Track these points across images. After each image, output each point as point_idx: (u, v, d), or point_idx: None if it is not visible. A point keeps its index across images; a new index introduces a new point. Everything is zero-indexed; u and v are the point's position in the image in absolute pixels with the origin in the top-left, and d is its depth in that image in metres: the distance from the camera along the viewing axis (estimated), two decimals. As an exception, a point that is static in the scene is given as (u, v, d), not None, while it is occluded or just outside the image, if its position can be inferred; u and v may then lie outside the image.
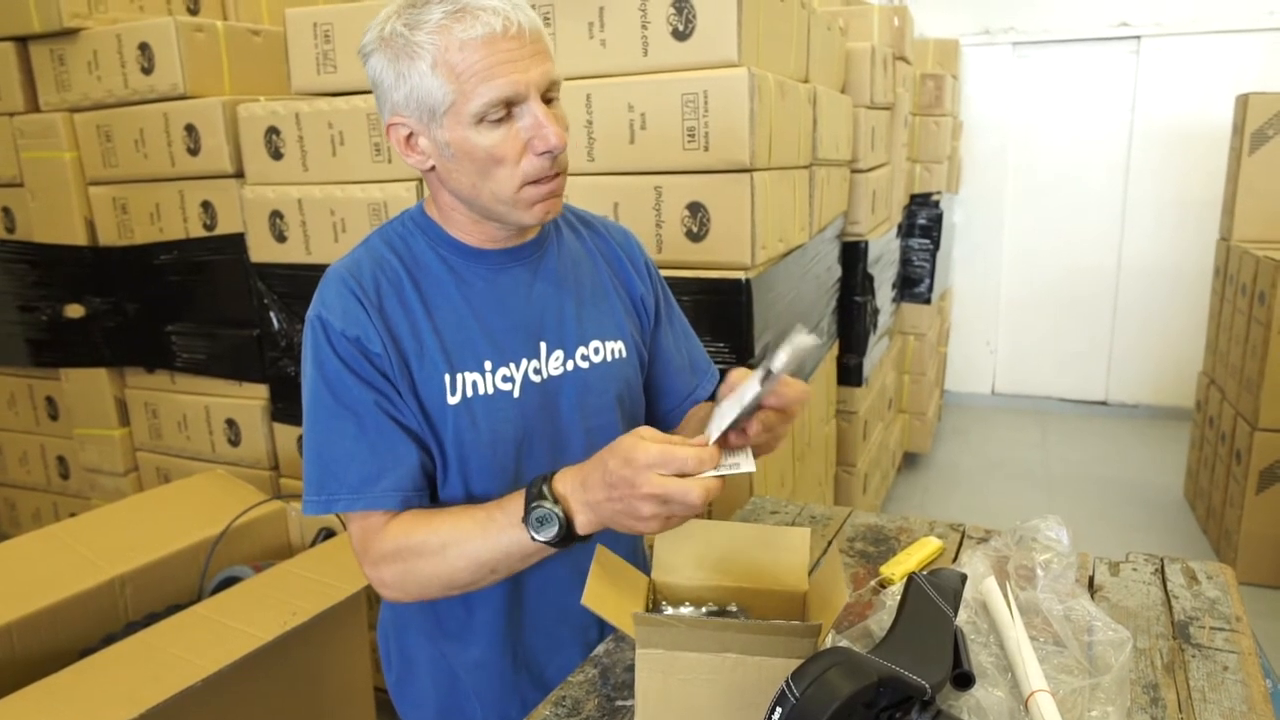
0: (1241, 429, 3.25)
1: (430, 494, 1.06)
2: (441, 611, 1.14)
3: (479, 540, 0.95)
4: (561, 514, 0.91)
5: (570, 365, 1.11)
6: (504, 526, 0.94)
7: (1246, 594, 3.14)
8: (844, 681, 0.73)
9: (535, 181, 0.99)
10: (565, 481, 0.93)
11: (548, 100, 0.98)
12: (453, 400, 1.03)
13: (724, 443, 0.90)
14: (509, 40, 0.92)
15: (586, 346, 1.13)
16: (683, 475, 0.84)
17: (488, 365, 1.05)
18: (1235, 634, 1.07)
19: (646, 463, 0.84)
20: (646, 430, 0.88)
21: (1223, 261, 3.67)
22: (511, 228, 1.06)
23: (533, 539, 0.92)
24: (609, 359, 1.14)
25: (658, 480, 0.84)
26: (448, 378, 1.03)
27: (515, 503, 0.94)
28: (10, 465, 3.10)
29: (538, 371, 1.09)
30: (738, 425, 0.89)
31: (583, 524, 0.91)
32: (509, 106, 0.94)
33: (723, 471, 0.87)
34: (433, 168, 1.01)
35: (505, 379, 1.06)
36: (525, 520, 0.92)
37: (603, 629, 1.15)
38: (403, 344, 1.02)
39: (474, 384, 1.04)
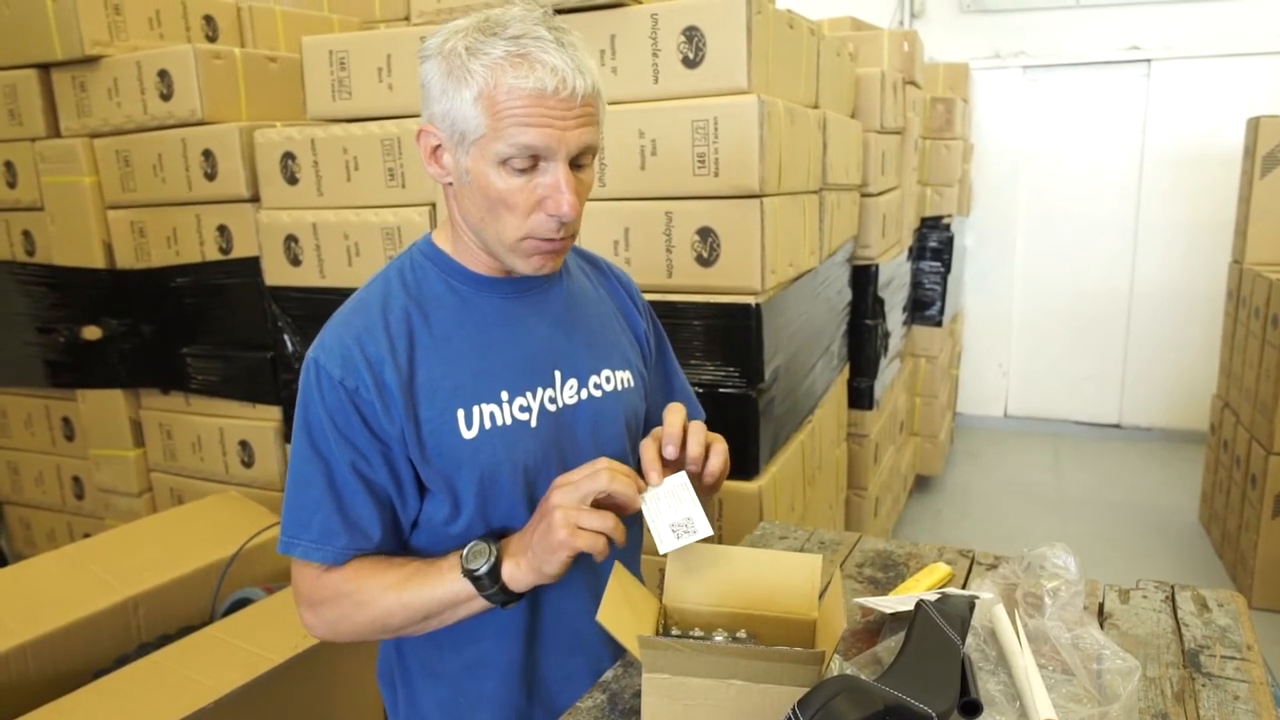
0: (1256, 453, 3.23)
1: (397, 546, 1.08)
2: (448, 650, 1.12)
3: (417, 589, 1.00)
4: (495, 549, 0.98)
5: (584, 394, 1.12)
6: (444, 571, 0.99)
7: (1262, 620, 3.12)
8: (850, 709, 0.74)
9: (539, 238, 0.99)
10: (509, 538, 1.02)
11: (579, 166, 0.98)
12: (469, 434, 1.02)
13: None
14: (557, 99, 0.92)
15: (599, 375, 1.13)
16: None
17: (504, 395, 1.05)
18: (1246, 663, 1.07)
19: (559, 484, 0.98)
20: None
21: (1235, 284, 3.66)
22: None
23: (465, 570, 0.98)
24: (619, 388, 1.15)
25: (561, 479, 0.98)
26: (462, 412, 1.02)
27: (456, 554, 1.00)
28: (26, 485, 3.13)
29: (553, 400, 1.09)
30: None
31: (509, 569, 0.98)
32: (535, 160, 0.95)
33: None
34: (450, 184, 1.02)
35: (522, 409, 1.06)
36: (463, 558, 0.99)
37: (614, 657, 1.15)
38: (410, 386, 1.01)
39: (491, 415, 1.03)
